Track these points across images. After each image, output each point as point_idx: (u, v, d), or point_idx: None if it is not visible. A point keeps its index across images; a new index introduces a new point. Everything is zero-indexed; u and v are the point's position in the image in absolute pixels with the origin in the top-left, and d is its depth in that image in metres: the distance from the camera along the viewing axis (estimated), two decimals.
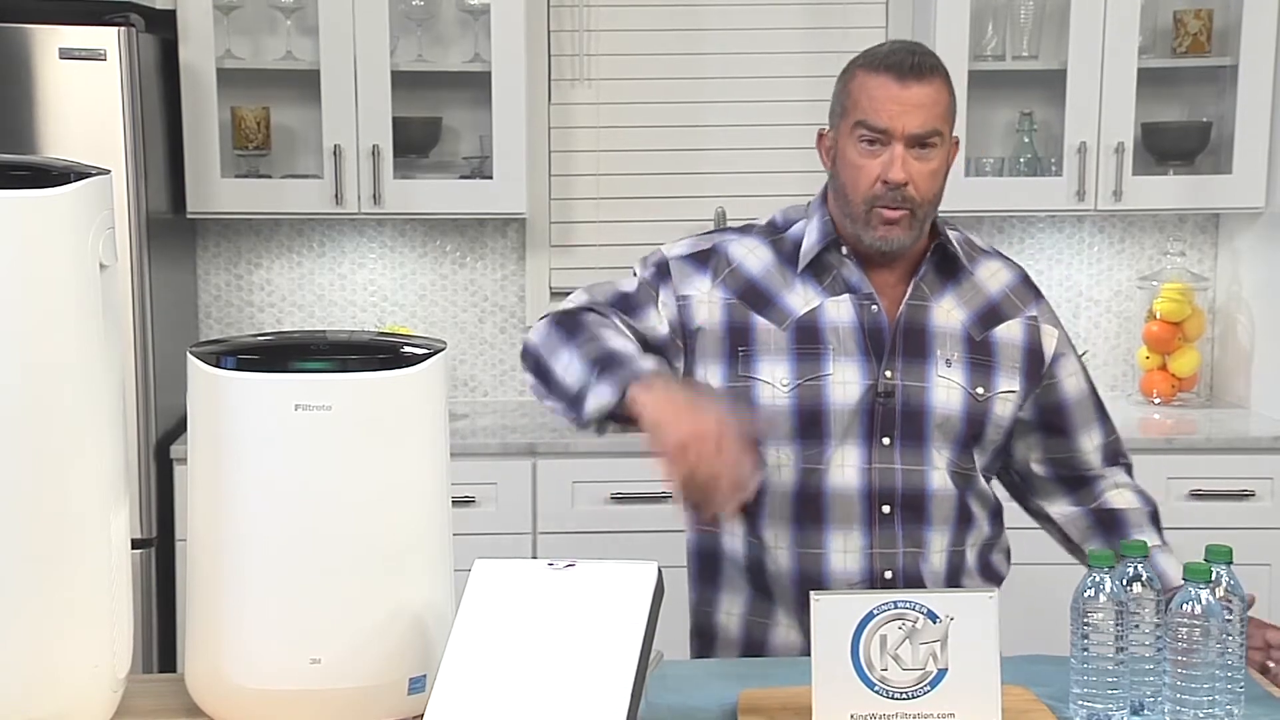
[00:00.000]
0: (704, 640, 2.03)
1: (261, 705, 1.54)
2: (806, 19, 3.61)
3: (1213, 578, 1.53)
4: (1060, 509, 2.05)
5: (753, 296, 1.95)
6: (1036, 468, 2.04)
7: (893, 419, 1.91)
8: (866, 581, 1.91)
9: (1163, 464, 3.17)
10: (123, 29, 2.97)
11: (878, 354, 1.92)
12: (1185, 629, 1.50)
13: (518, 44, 3.32)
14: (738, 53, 3.62)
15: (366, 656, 1.53)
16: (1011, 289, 2.01)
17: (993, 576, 2.01)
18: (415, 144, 3.43)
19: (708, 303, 1.95)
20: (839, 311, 1.93)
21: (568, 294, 3.66)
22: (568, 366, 1.83)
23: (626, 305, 1.97)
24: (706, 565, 2.01)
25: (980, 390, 1.93)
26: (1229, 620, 1.53)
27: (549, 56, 3.60)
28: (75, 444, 1.46)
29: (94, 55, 2.95)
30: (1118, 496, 2.02)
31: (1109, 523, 2.00)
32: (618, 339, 1.86)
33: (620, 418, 1.76)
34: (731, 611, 1.99)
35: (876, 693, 1.53)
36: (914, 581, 1.91)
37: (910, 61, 1.87)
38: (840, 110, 1.94)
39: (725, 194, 3.62)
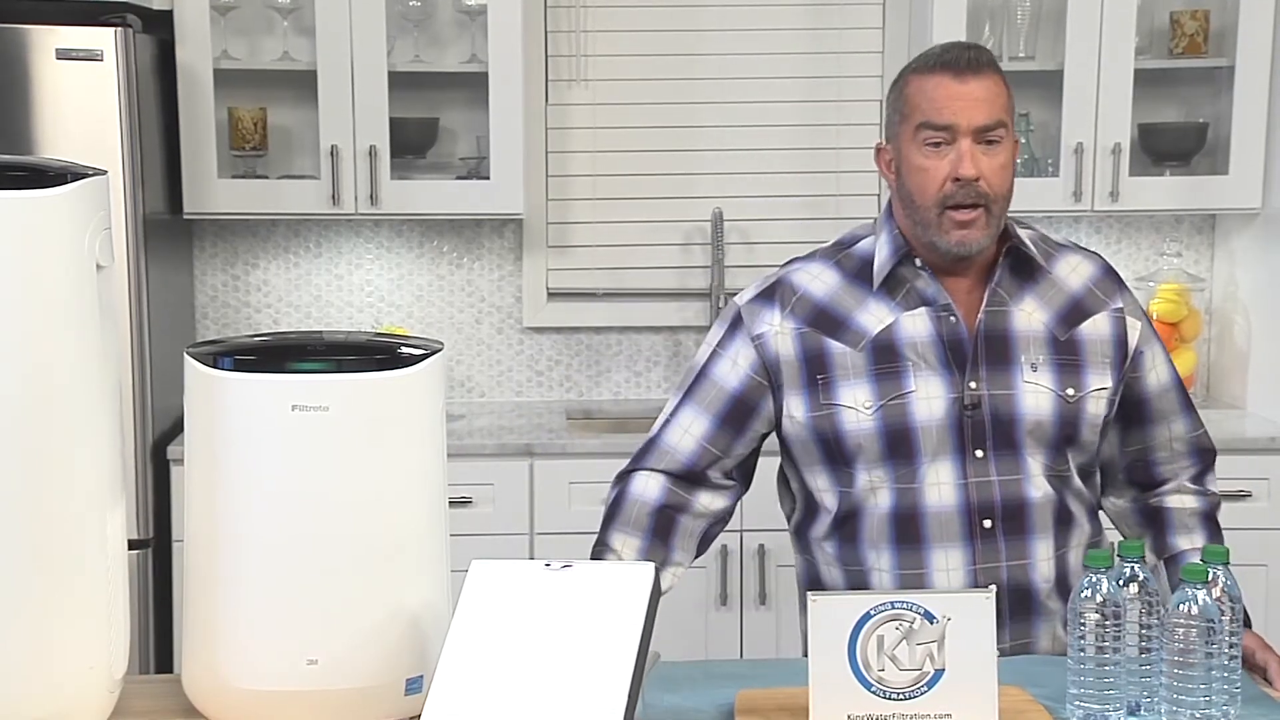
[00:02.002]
0: None
1: (258, 706, 1.54)
2: (803, 20, 3.61)
3: (1209, 578, 1.53)
4: (1112, 501, 2.02)
5: (824, 322, 1.91)
6: (1113, 458, 2.00)
7: (983, 430, 1.87)
8: None
9: None
10: (119, 29, 2.97)
11: (960, 365, 1.88)
12: (1182, 629, 1.50)
13: (515, 45, 3.31)
14: (735, 54, 3.61)
15: (363, 657, 1.53)
16: (1095, 283, 1.96)
17: None
18: (412, 144, 3.43)
19: (780, 334, 1.92)
20: (916, 326, 1.89)
21: (565, 295, 3.71)
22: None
23: (692, 389, 1.96)
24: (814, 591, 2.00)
25: (1070, 391, 1.88)
26: (1225, 621, 1.53)
27: (546, 57, 3.60)
28: (72, 445, 1.46)
29: (91, 56, 2.95)
30: (1174, 498, 1.98)
31: (1155, 520, 1.97)
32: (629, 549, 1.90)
33: None
34: None
35: (873, 693, 1.53)
36: (1020, 592, 1.88)
37: (966, 57, 1.85)
38: (899, 118, 1.89)
39: (722, 195, 3.63)
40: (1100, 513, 2.01)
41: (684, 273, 3.68)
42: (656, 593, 1.48)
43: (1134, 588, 1.57)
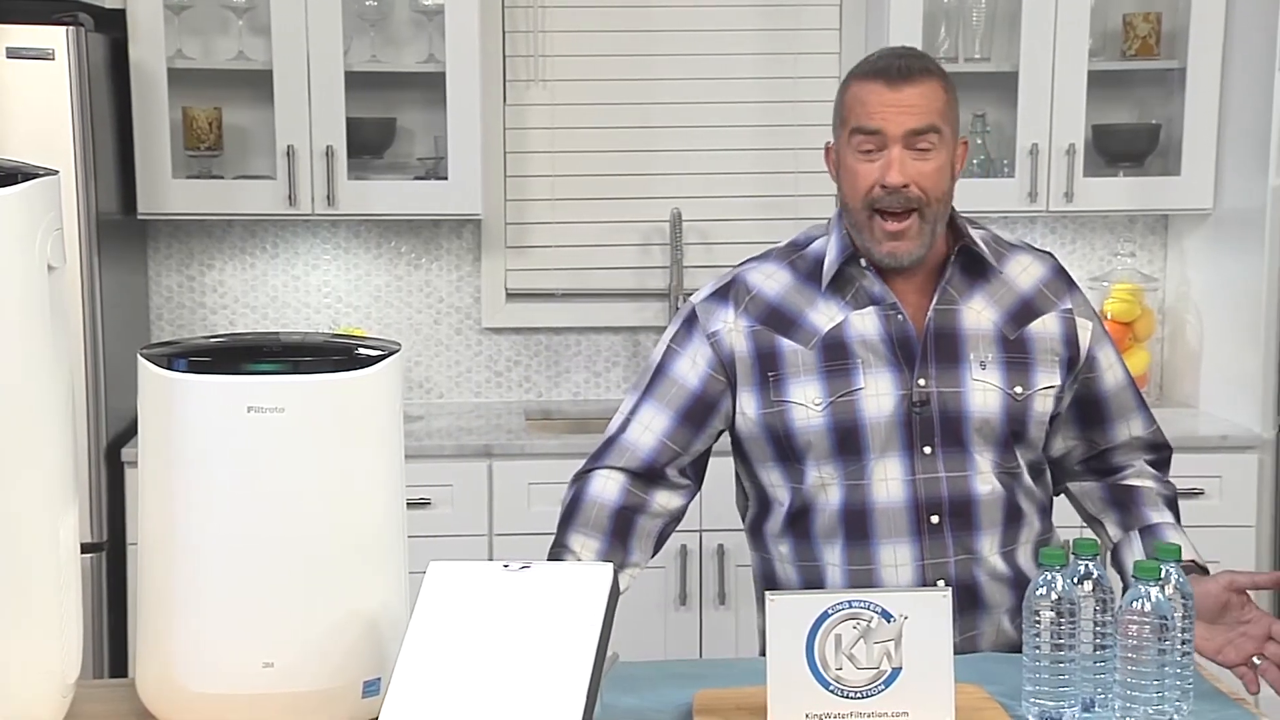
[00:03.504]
0: None
1: (214, 710, 1.52)
2: (761, 20, 3.62)
3: (1162, 576, 1.55)
4: (1075, 484, 2.05)
5: (776, 320, 1.94)
6: (1072, 456, 2.03)
7: (931, 427, 1.89)
8: None
9: None
10: (71, 28, 2.94)
11: (909, 363, 1.90)
12: (1135, 626, 1.52)
13: (472, 45, 3.31)
14: (692, 54, 3.62)
15: (320, 660, 1.52)
16: (1045, 283, 1.98)
17: None
18: (369, 145, 3.42)
19: (734, 332, 1.95)
20: (865, 324, 1.91)
21: (524, 296, 3.70)
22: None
23: (651, 387, 1.97)
24: (769, 589, 2.00)
25: (1019, 389, 1.91)
26: (1178, 618, 1.54)
27: (504, 57, 3.59)
28: (24, 447, 1.44)
29: (42, 55, 2.92)
30: (1137, 479, 2.02)
31: (1123, 497, 2.00)
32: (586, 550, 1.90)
33: None
34: None
35: (831, 692, 1.53)
36: (967, 587, 1.89)
37: (899, 64, 1.87)
38: (838, 122, 1.92)
39: (681, 194, 3.63)
40: (1051, 511, 2.02)
41: (643, 273, 3.69)
42: (615, 593, 1.48)
43: (1088, 585, 1.59)
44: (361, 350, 1.56)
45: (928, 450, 1.89)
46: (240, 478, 1.50)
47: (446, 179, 3.35)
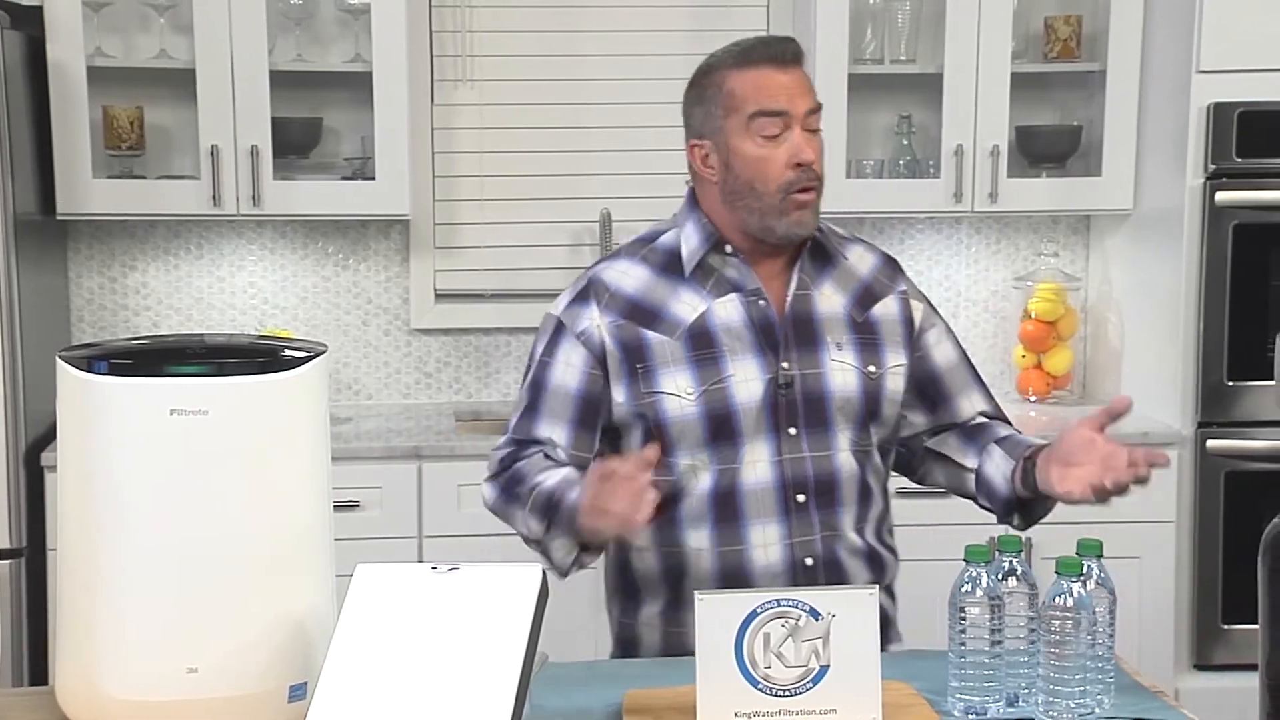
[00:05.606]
0: (627, 651, 2.03)
1: (136, 716, 1.50)
2: (688, 21, 3.63)
3: (1084, 571, 1.57)
4: (929, 448, 2.07)
5: (638, 314, 1.96)
6: (924, 438, 2.07)
7: (795, 409, 1.94)
8: (789, 572, 1.92)
9: None
10: None
11: (773, 347, 1.94)
12: (1058, 621, 1.54)
13: (399, 44, 3.29)
14: (621, 54, 3.63)
15: (245, 664, 1.51)
16: (878, 270, 2.07)
17: (892, 550, 2.04)
18: (295, 144, 3.38)
19: (600, 327, 1.97)
20: (728, 312, 1.95)
21: (453, 296, 3.68)
22: (526, 524, 1.93)
23: (536, 403, 1.98)
24: (624, 578, 2.03)
25: (872, 368, 1.98)
26: (1099, 612, 1.57)
27: (431, 57, 3.57)
28: None
29: None
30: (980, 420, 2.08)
31: (971, 432, 2.04)
32: (550, 475, 1.90)
33: (587, 547, 1.88)
34: (651, 622, 2.00)
35: (760, 690, 1.54)
36: (833, 565, 1.94)
37: (788, 49, 1.95)
38: (722, 113, 1.95)
39: (610, 195, 3.63)
40: (888, 490, 2.06)
41: (573, 274, 3.66)
42: (544, 594, 1.48)
43: (1012, 581, 1.61)
44: (287, 352, 1.55)
45: (792, 431, 1.94)
46: (163, 481, 1.48)
47: (374, 179, 3.33)
